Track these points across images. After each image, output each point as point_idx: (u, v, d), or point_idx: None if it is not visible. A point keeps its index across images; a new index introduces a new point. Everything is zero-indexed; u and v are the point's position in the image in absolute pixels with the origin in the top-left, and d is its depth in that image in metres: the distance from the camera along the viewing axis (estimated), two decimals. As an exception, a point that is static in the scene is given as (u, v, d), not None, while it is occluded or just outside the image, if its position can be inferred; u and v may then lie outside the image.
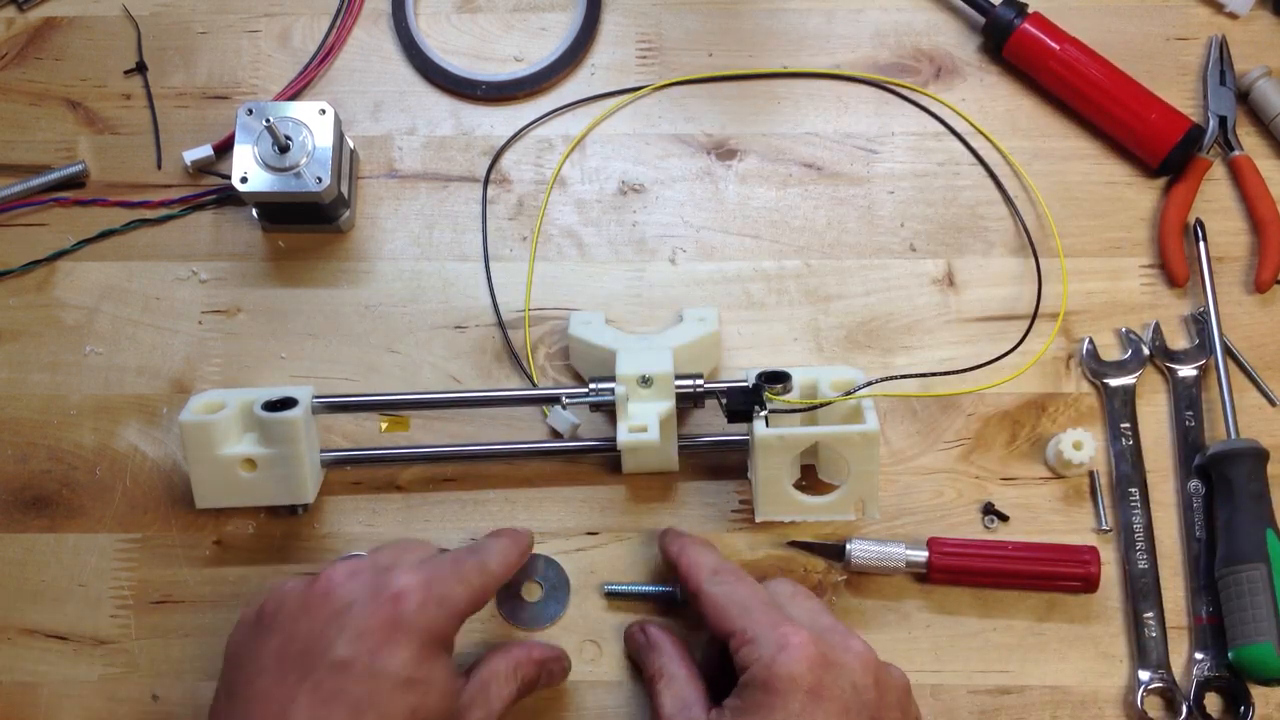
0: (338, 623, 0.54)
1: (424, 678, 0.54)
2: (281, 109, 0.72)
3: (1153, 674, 0.67)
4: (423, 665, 0.54)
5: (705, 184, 0.77)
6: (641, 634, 0.65)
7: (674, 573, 0.65)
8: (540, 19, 0.80)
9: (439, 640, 0.56)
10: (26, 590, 0.70)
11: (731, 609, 0.59)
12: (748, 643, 0.57)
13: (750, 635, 0.57)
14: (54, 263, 0.76)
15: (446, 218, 0.77)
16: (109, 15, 0.80)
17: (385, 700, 0.53)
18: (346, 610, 0.55)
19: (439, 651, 0.56)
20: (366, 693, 0.52)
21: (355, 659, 0.53)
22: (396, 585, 0.55)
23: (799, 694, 0.54)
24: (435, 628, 0.55)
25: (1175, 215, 0.75)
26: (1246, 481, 0.68)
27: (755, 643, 0.56)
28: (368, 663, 0.53)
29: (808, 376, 0.68)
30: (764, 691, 0.55)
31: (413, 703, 0.53)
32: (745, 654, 0.57)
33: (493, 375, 0.74)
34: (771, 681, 0.55)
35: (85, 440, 0.73)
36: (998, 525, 0.70)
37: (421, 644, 0.54)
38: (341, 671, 0.53)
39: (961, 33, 0.80)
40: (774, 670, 0.55)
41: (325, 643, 0.54)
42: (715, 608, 0.60)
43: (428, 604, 0.55)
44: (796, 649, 0.55)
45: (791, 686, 0.54)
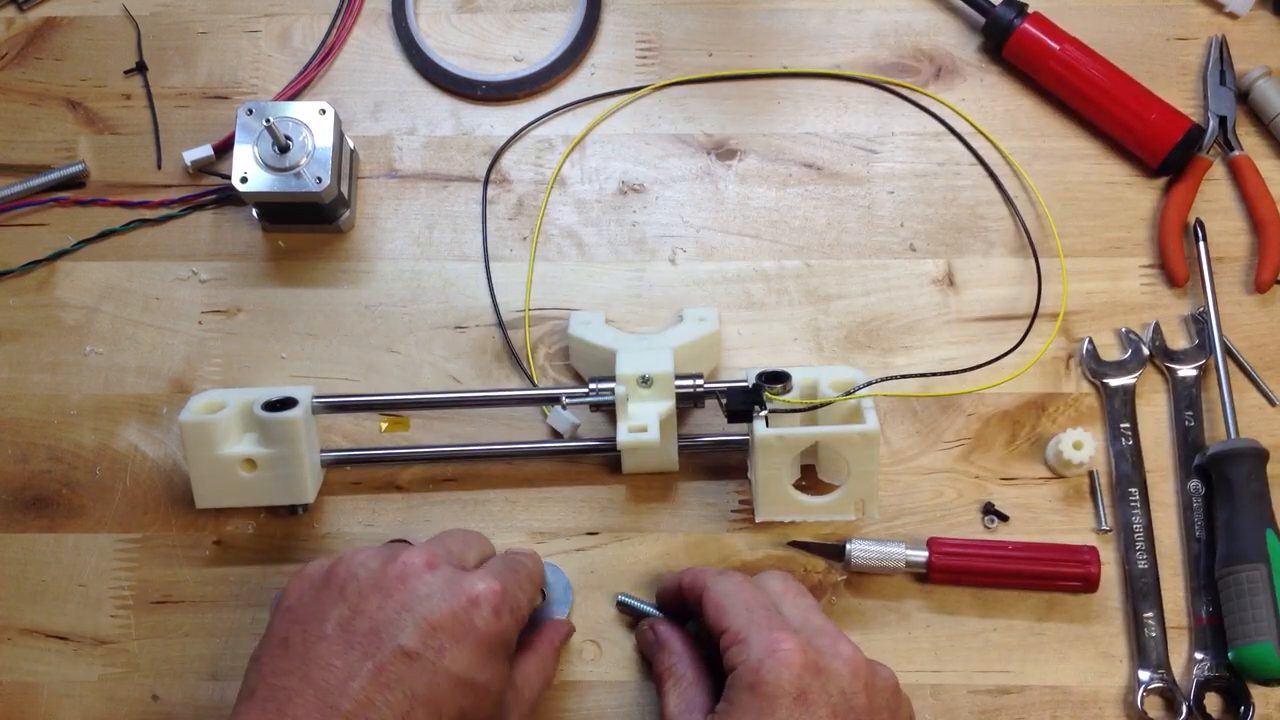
0: (411, 612, 0.55)
1: (483, 682, 0.55)
2: (281, 109, 0.72)
3: (1153, 674, 0.67)
4: (484, 670, 0.55)
5: (705, 184, 0.77)
6: (651, 632, 0.65)
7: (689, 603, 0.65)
8: (540, 19, 0.80)
9: (504, 647, 0.57)
10: (26, 590, 0.70)
11: (731, 607, 0.59)
12: (739, 643, 0.57)
13: (742, 636, 0.57)
14: (54, 263, 0.76)
15: (446, 218, 0.77)
16: (109, 15, 0.80)
17: (443, 698, 0.53)
18: (424, 600, 0.55)
19: (502, 659, 0.57)
20: (426, 686, 0.53)
21: (423, 652, 0.53)
22: (475, 589, 0.56)
23: (786, 699, 0.54)
24: (503, 635, 0.56)
25: (1175, 215, 0.75)
26: (1246, 481, 0.68)
27: (746, 644, 0.57)
28: (434, 658, 0.53)
29: (808, 376, 0.68)
30: (751, 694, 0.55)
31: (466, 705, 0.54)
32: (734, 654, 0.57)
33: (493, 375, 0.74)
34: (759, 685, 0.55)
35: (85, 440, 0.73)
36: (998, 525, 0.70)
37: (489, 649, 0.55)
38: (406, 660, 0.53)
39: (961, 33, 0.80)
40: (761, 675, 0.55)
41: (396, 628, 0.54)
42: (715, 604, 0.60)
43: (501, 611, 0.56)
44: (785, 654, 0.55)
45: (778, 691, 0.54)
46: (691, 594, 0.63)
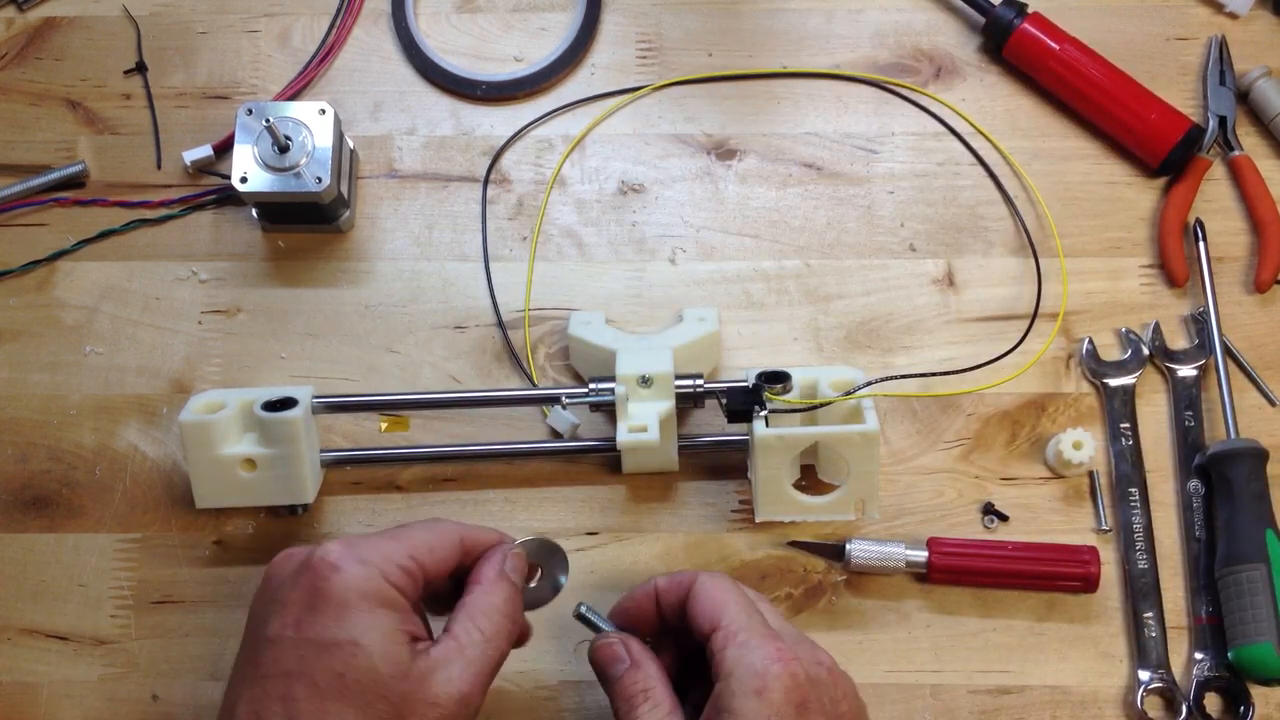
0: (274, 602, 0.55)
1: (349, 638, 0.53)
2: (281, 109, 0.72)
3: (1153, 674, 0.67)
4: (346, 625, 0.53)
5: (705, 184, 0.77)
6: (621, 647, 0.60)
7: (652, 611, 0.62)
8: (540, 19, 0.80)
9: (367, 598, 0.54)
10: (26, 590, 0.70)
11: (727, 604, 0.58)
12: (739, 644, 0.56)
13: (742, 638, 0.56)
14: (54, 263, 0.76)
15: (446, 218, 0.77)
16: (109, 15, 0.80)
17: (313, 667, 0.53)
18: (279, 589, 0.56)
19: (368, 610, 0.54)
20: (294, 662, 0.53)
21: (283, 631, 0.54)
22: (316, 554, 0.56)
23: (790, 708, 0.54)
24: (358, 585, 0.54)
25: (1175, 215, 0.75)
26: (1246, 481, 0.68)
27: (747, 646, 0.56)
28: (293, 634, 0.54)
29: (808, 376, 0.68)
30: (757, 699, 0.54)
31: (339, 666, 0.53)
32: (733, 655, 0.56)
33: (493, 375, 0.74)
34: (765, 692, 0.54)
35: (85, 440, 0.73)
36: (998, 525, 0.70)
37: (344, 604, 0.54)
38: (274, 646, 0.54)
39: (961, 33, 0.80)
40: (767, 681, 0.55)
41: (262, 623, 0.55)
42: (710, 598, 0.58)
43: (345, 563, 0.55)
44: (789, 664, 0.55)
45: (784, 699, 0.54)
46: (671, 592, 0.61)
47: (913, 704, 0.67)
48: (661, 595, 0.61)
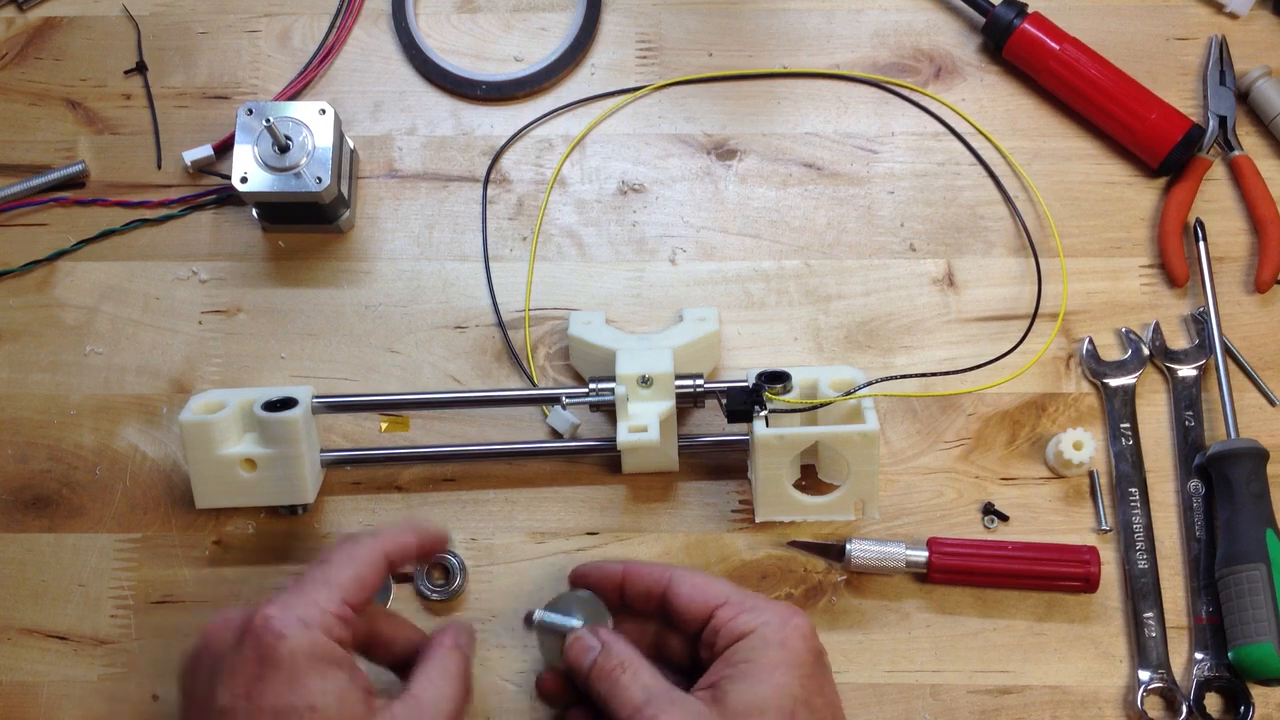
0: (217, 674, 0.54)
1: (305, 704, 0.53)
2: (281, 109, 0.72)
3: (1153, 674, 0.67)
4: (300, 691, 0.53)
5: (705, 184, 0.77)
6: (591, 635, 0.60)
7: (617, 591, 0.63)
8: (540, 19, 0.80)
9: (316, 660, 0.54)
10: (26, 590, 0.70)
11: (716, 587, 0.60)
12: (748, 609, 0.58)
13: (750, 605, 0.58)
14: (54, 263, 0.76)
15: (446, 218, 0.77)
16: (109, 15, 0.80)
17: None
18: (221, 659, 0.55)
19: (320, 672, 0.54)
20: None
21: (235, 703, 0.53)
22: (255, 620, 0.54)
23: (812, 655, 0.57)
24: (305, 650, 0.54)
25: (1175, 215, 0.75)
26: (1246, 481, 0.68)
27: (758, 610, 0.58)
28: (245, 705, 0.53)
29: (808, 376, 0.68)
30: (781, 649, 0.56)
31: None
32: (747, 619, 0.58)
33: (493, 375, 0.74)
34: (789, 641, 0.57)
35: (85, 440, 0.73)
36: (998, 525, 0.70)
37: (293, 670, 0.53)
38: (226, 716, 0.53)
39: (961, 33, 0.80)
40: (788, 633, 0.57)
41: (210, 695, 0.54)
42: (696, 586, 0.60)
43: (288, 628, 0.54)
44: (803, 618, 0.58)
45: (806, 647, 0.57)
46: (642, 581, 0.61)
47: (913, 704, 0.67)
48: (630, 582, 0.62)
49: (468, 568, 0.69)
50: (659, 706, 0.56)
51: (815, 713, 0.56)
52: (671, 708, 0.56)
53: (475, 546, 0.70)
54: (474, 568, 0.70)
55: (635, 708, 0.56)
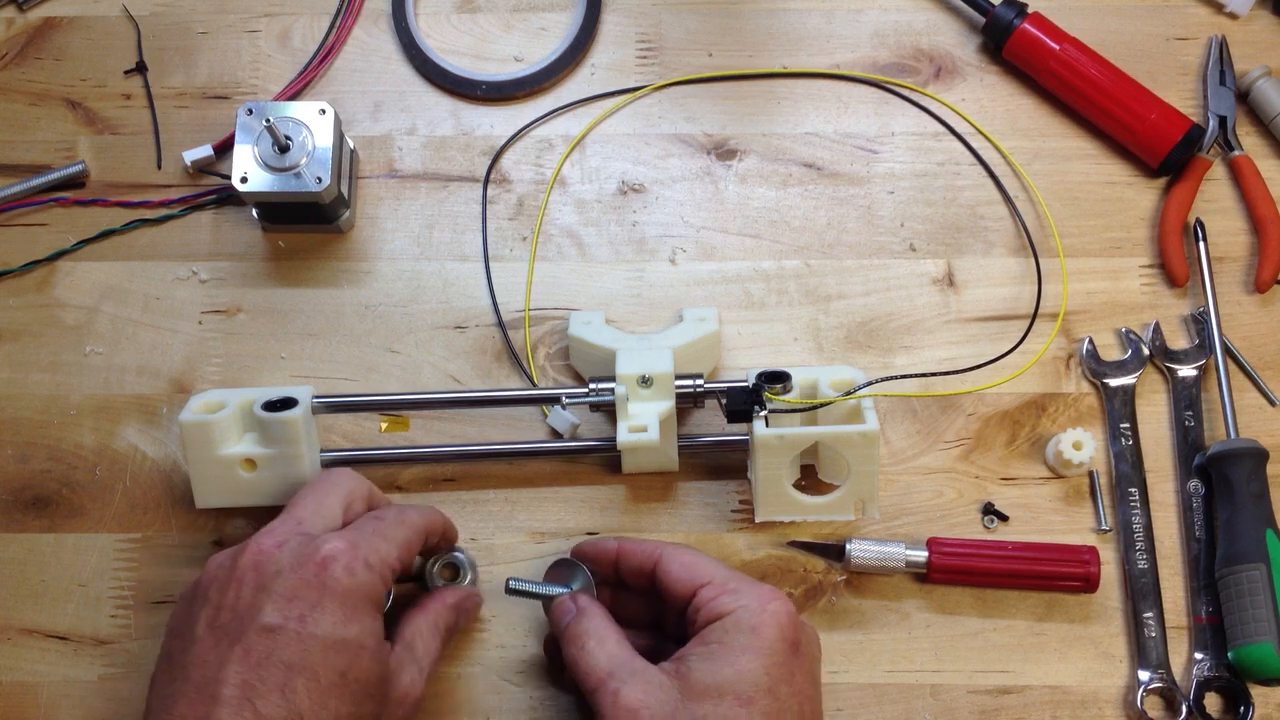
0: (266, 590, 0.55)
1: (355, 639, 0.55)
2: (281, 109, 0.72)
3: (1153, 674, 0.67)
4: (352, 627, 0.55)
5: (705, 184, 0.77)
6: (570, 600, 0.63)
7: (612, 566, 0.64)
8: (540, 19, 0.80)
9: (369, 602, 0.56)
10: (26, 590, 0.70)
11: (702, 565, 0.61)
12: (729, 591, 0.59)
13: (732, 586, 0.59)
14: (54, 263, 0.76)
15: (446, 218, 0.77)
16: (109, 15, 0.80)
17: (316, 663, 0.54)
18: (275, 577, 0.56)
19: (369, 613, 0.56)
20: (298, 656, 0.53)
21: (285, 624, 0.54)
22: (323, 550, 0.56)
23: (784, 644, 0.57)
24: (364, 590, 0.56)
25: (1175, 215, 0.75)
26: (1246, 481, 0.68)
27: (738, 593, 0.59)
28: (297, 627, 0.54)
29: (808, 376, 0.68)
30: (751, 634, 0.57)
31: (343, 665, 0.54)
32: (726, 601, 0.58)
33: (493, 375, 0.74)
34: (761, 629, 0.57)
35: (85, 440, 0.73)
36: (998, 525, 0.70)
37: (351, 607, 0.55)
38: (272, 636, 0.54)
39: (961, 33, 0.80)
40: (763, 619, 0.57)
41: (255, 609, 0.55)
42: (683, 564, 0.61)
43: (355, 566, 0.56)
44: (783, 604, 0.58)
45: (779, 635, 0.57)
46: (634, 558, 0.63)
47: (913, 704, 0.67)
48: (623, 558, 0.64)
49: (476, 565, 0.69)
50: (622, 678, 0.57)
51: (779, 700, 0.56)
52: (633, 679, 0.57)
53: (475, 547, 0.70)
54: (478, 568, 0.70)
55: (599, 677, 0.58)
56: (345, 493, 0.62)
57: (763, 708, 0.55)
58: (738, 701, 0.55)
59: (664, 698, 0.56)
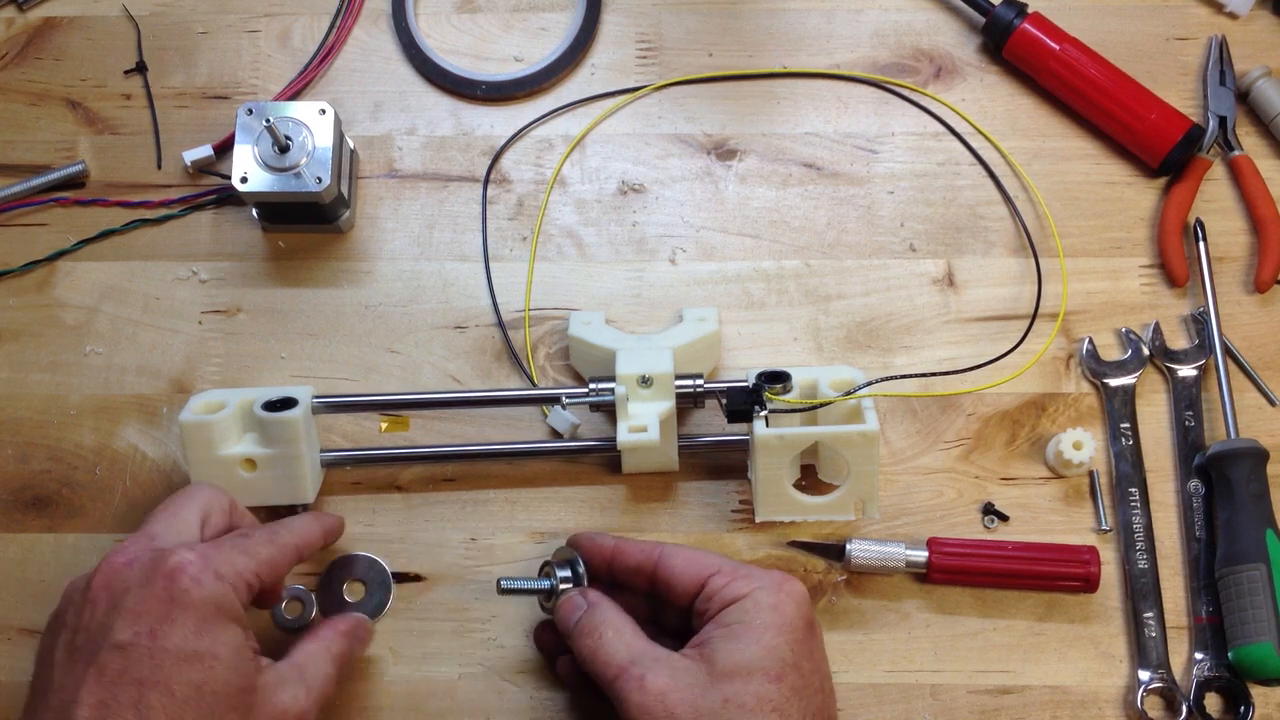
0: (117, 608, 0.55)
1: (208, 651, 0.54)
2: (281, 109, 0.72)
3: (1153, 674, 0.67)
4: (205, 638, 0.54)
5: (705, 184, 0.77)
6: (580, 596, 0.62)
7: (606, 565, 0.64)
8: (540, 19, 0.80)
9: (222, 613, 0.55)
10: (26, 590, 0.70)
11: (705, 559, 0.61)
12: (741, 576, 0.59)
13: (743, 572, 0.59)
14: (54, 263, 0.76)
15: (446, 218, 0.77)
16: (109, 15, 0.80)
17: (170, 677, 0.53)
18: (125, 594, 0.55)
19: (223, 624, 0.55)
20: (149, 671, 0.53)
21: (136, 640, 0.53)
22: (170, 563, 0.55)
23: (803, 621, 0.58)
24: (214, 600, 0.55)
25: (1175, 215, 0.75)
26: (1246, 481, 0.68)
27: (751, 577, 0.59)
28: (148, 643, 0.53)
29: (808, 376, 0.68)
30: (773, 612, 0.57)
31: (197, 678, 0.53)
32: (741, 584, 0.59)
33: (493, 375, 0.74)
34: (781, 606, 0.58)
35: (85, 440, 0.73)
36: (998, 525, 0.70)
37: (202, 618, 0.54)
38: (124, 653, 0.53)
39: (961, 33, 0.80)
40: (781, 597, 0.58)
41: (107, 629, 0.54)
42: (687, 559, 0.61)
43: (203, 577, 0.55)
44: (797, 584, 0.59)
45: (798, 613, 0.58)
46: (631, 556, 0.63)
47: (913, 704, 0.67)
48: (620, 557, 0.63)
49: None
50: (644, 665, 0.57)
51: (803, 676, 0.57)
52: (656, 665, 0.57)
53: (475, 546, 0.70)
54: (474, 568, 0.70)
55: (620, 667, 0.57)
56: (201, 505, 0.61)
57: (791, 683, 0.56)
58: (767, 678, 0.56)
59: (691, 680, 0.56)
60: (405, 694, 0.68)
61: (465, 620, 0.69)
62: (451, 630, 0.69)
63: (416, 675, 0.68)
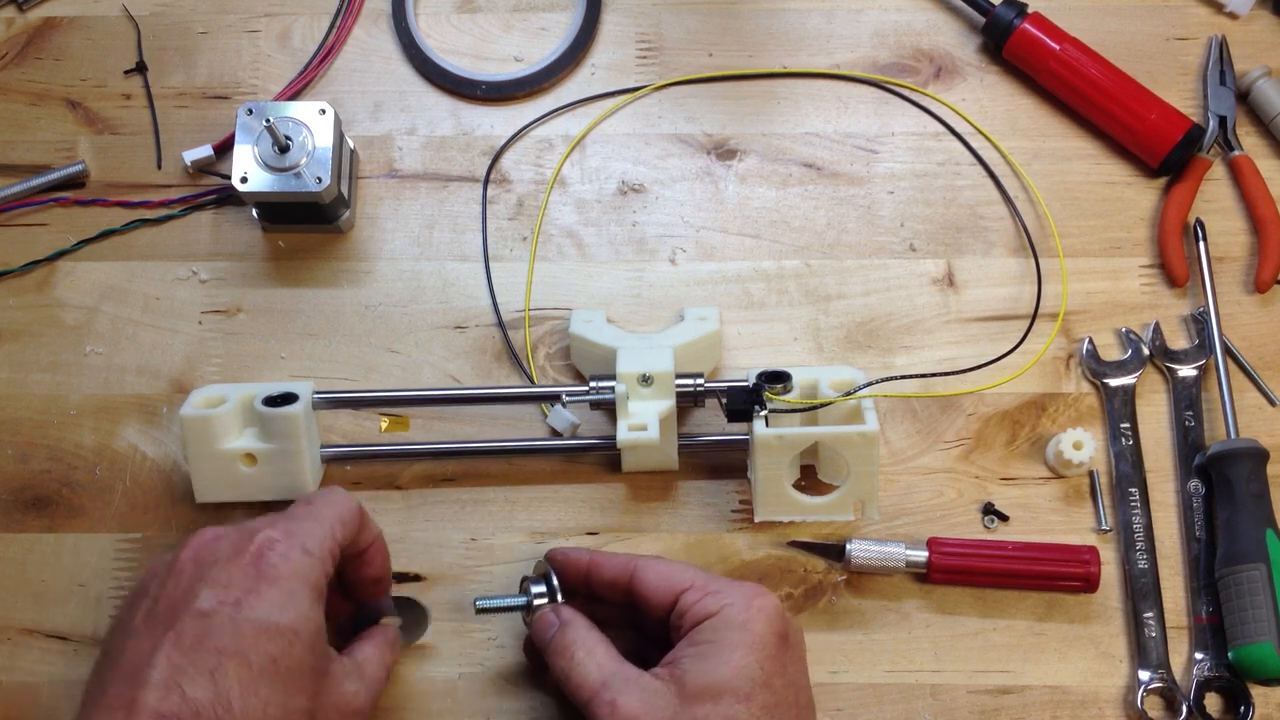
0: (202, 580, 0.55)
1: (289, 625, 0.54)
2: (281, 109, 0.72)
3: (1153, 674, 0.67)
4: (289, 612, 0.54)
5: (705, 184, 0.77)
6: (553, 614, 0.62)
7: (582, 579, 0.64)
8: (540, 19, 0.80)
9: (308, 587, 0.55)
10: (26, 590, 0.70)
11: (679, 572, 0.61)
12: (713, 592, 0.59)
13: (715, 587, 0.59)
14: (54, 263, 0.76)
15: (446, 218, 0.77)
16: (109, 15, 0.80)
17: (248, 647, 0.53)
18: (212, 566, 0.55)
19: (308, 600, 0.55)
20: (229, 640, 0.53)
21: (219, 609, 0.53)
22: (259, 538, 0.56)
23: (774, 636, 0.57)
24: (302, 574, 0.55)
25: (1175, 215, 0.75)
26: (1246, 481, 0.68)
27: (722, 593, 0.59)
28: (231, 613, 0.53)
29: (808, 376, 0.68)
30: (743, 630, 0.57)
31: (275, 651, 0.53)
32: (711, 601, 0.58)
33: (493, 375, 0.74)
34: (751, 623, 0.57)
35: (85, 440, 0.73)
36: (998, 525, 0.70)
37: (288, 591, 0.54)
38: (205, 620, 0.53)
39: (961, 33, 0.80)
40: (751, 614, 0.57)
41: (191, 597, 0.54)
42: (660, 574, 0.61)
43: (292, 552, 0.55)
44: (769, 598, 0.58)
45: (769, 629, 0.57)
46: (607, 570, 0.63)
47: (913, 704, 0.67)
48: (595, 572, 0.63)
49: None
50: (617, 689, 0.57)
51: (775, 694, 0.56)
52: (628, 687, 0.57)
53: (475, 546, 0.70)
54: (474, 568, 0.70)
55: (592, 690, 0.57)
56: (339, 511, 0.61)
57: (761, 702, 0.56)
58: (736, 699, 0.55)
59: (661, 703, 0.56)
60: (405, 694, 0.68)
61: (465, 620, 0.69)
62: (451, 630, 0.69)
63: (416, 675, 0.68)
